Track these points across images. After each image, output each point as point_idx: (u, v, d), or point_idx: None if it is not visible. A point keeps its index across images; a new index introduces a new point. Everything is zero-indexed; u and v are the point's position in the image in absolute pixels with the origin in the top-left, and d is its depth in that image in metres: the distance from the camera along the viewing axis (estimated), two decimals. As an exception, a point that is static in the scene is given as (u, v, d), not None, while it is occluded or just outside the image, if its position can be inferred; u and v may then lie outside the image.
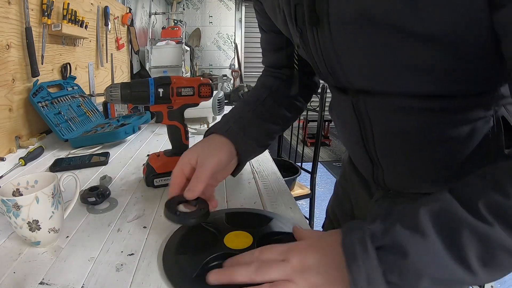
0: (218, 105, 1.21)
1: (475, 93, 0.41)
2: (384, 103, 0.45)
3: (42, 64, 1.03)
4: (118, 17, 1.78)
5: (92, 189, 0.62)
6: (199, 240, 0.46)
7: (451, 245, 0.30)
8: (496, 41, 0.32)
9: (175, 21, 3.85)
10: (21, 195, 0.50)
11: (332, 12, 0.38)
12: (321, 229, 0.82)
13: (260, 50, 0.69)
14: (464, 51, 0.34)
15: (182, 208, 0.47)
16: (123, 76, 1.93)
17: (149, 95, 0.64)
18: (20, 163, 0.82)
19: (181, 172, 0.50)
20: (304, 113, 1.82)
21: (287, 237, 0.46)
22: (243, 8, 4.81)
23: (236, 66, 4.67)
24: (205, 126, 1.22)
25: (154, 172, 0.68)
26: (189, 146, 0.72)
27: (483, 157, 0.43)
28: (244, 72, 4.79)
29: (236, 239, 0.46)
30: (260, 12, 0.61)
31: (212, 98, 0.99)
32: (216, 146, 0.53)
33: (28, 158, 0.84)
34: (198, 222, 0.46)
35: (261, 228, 0.49)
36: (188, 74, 3.01)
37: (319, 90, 1.56)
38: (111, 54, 1.70)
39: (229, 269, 0.37)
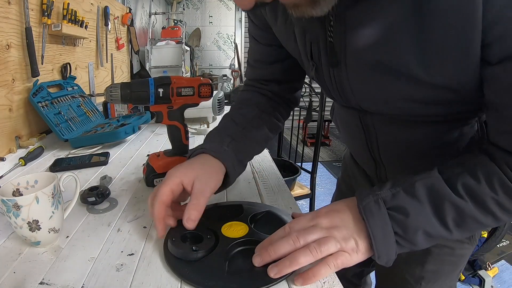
0: (218, 105, 1.21)
1: (466, 110, 0.49)
2: (390, 119, 0.51)
3: (42, 64, 1.03)
4: (118, 17, 1.78)
5: (92, 189, 0.62)
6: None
7: (437, 211, 0.40)
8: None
9: (175, 21, 3.85)
10: (21, 195, 0.50)
11: (349, 57, 0.44)
12: None
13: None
14: (460, 92, 0.42)
15: (190, 242, 0.46)
16: (123, 76, 1.93)
17: (149, 95, 0.64)
18: (20, 163, 0.82)
19: (169, 192, 0.48)
20: (304, 113, 1.82)
21: (280, 217, 0.53)
22: (243, 8, 4.80)
23: (236, 66, 4.67)
24: (205, 126, 1.22)
25: (154, 172, 0.68)
26: (189, 146, 0.73)
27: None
28: (244, 72, 4.79)
29: (231, 228, 0.48)
30: (259, 25, 0.60)
31: (212, 98, 0.99)
32: (213, 171, 0.52)
33: (28, 158, 0.84)
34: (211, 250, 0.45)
35: (250, 215, 0.52)
36: (188, 74, 3.01)
37: (319, 90, 1.55)
38: (111, 54, 1.70)
39: (269, 247, 0.41)
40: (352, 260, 0.41)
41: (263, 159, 0.87)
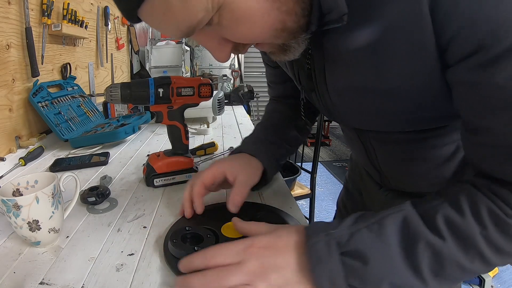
0: (218, 105, 1.21)
1: (453, 123, 0.47)
2: (384, 136, 0.51)
3: (42, 64, 1.03)
4: (118, 17, 1.78)
5: (92, 189, 0.62)
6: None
7: (408, 255, 0.33)
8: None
9: (175, 21, 3.84)
10: (21, 195, 0.50)
11: (329, 83, 0.45)
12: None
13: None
14: (422, 100, 0.39)
15: (190, 242, 0.46)
16: (123, 76, 1.93)
17: (149, 95, 0.64)
18: (20, 163, 0.82)
19: (212, 177, 0.54)
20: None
21: (280, 217, 0.53)
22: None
23: (236, 66, 4.67)
24: (205, 126, 1.22)
25: (154, 172, 0.68)
26: (189, 146, 0.73)
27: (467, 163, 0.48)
28: (244, 72, 4.78)
29: (231, 228, 0.48)
30: None
31: (212, 98, 0.99)
32: (253, 167, 0.58)
33: (28, 158, 0.84)
34: None
35: (250, 215, 0.51)
36: (188, 74, 3.00)
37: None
38: (111, 54, 1.70)
39: (186, 277, 0.36)
40: None
41: (263, 159, 0.87)
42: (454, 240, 0.32)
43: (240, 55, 4.71)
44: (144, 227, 0.53)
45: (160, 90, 0.64)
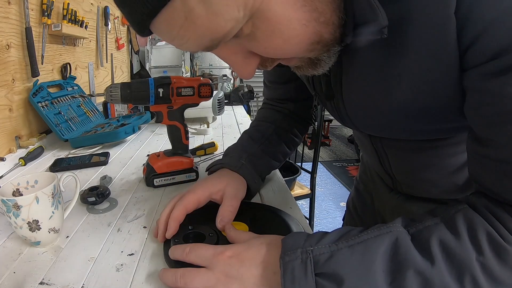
0: (218, 105, 1.21)
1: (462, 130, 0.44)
2: (397, 143, 0.50)
3: (42, 64, 1.03)
4: (118, 17, 1.78)
5: (92, 189, 0.62)
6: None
7: (394, 283, 0.30)
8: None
9: (175, 21, 3.84)
10: (21, 195, 0.50)
11: (345, 94, 0.43)
12: (341, 222, 0.86)
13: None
14: (437, 112, 0.37)
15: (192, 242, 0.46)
16: (123, 76, 1.93)
17: (149, 95, 0.64)
18: (20, 163, 0.82)
19: (196, 201, 0.50)
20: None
21: (280, 217, 0.52)
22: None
23: (236, 66, 4.67)
24: (205, 126, 1.22)
25: (154, 172, 0.68)
26: (189, 146, 0.73)
27: None
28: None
29: None
30: None
31: (212, 98, 0.99)
32: (238, 182, 0.55)
33: (28, 158, 0.84)
34: None
35: (250, 215, 0.52)
36: (188, 74, 3.00)
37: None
38: (111, 54, 1.70)
39: (163, 270, 0.39)
40: None
41: (263, 159, 0.87)
42: (447, 266, 0.29)
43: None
44: (144, 227, 0.53)
45: (160, 90, 0.64)
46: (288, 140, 0.67)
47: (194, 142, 1.04)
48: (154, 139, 1.09)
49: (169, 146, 0.72)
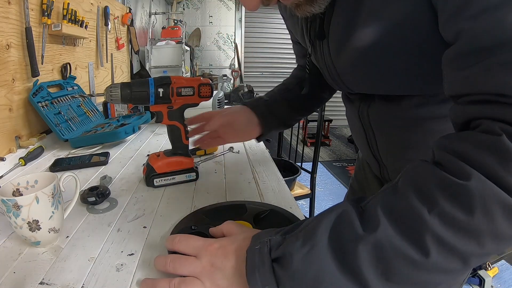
0: (218, 105, 1.21)
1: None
2: (382, 113, 0.53)
3: (42, 64, 1.02)
4: (118, 17, 1.78)
5: (92, 189, 0.62)
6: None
7: (343, 258, 0.28)
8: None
9: (175, 21, 3.84)
10: (21, 195, 0.50)
11: (331, 32, 0.47)
12: None
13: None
14: (418, 50, 0.40)
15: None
16: (123, 76, 1.93)
17: (149, 95, 0.64)
18: (20, 163, 0.82)
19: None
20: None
21: (284, 215, 0.53)
22: (243, 8, 4.80)
23: (236, 66, 4.67)
24: (205, 126, 1.22)
25: (154, 172, 0.68)
26: (189, 146, 0.73)
27: None
28: (244, 72, 4.78)
29: None
30: (287, 25, 0.71)
31: (212, 98, 0.99)
32: (238, 111, 0.68)
33: (28, 158, 0.84)
34: None
35: (253, 215, 0.53)
36: (188, 74, 3.00)
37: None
38: (111, 54, 1.70)
39: (157, 257, 0.42)
40: None
41: (263, 159, 0.87)
42: (395, 227, 0.27)
43: (240, 55, 4.72)
44: (144, 227, 0.53)
45: (160, 90, 0.64)
46: (312, 93, 0.72)
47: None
48: (154, 139, 1.09)
49: (169, 146, 0.72)
